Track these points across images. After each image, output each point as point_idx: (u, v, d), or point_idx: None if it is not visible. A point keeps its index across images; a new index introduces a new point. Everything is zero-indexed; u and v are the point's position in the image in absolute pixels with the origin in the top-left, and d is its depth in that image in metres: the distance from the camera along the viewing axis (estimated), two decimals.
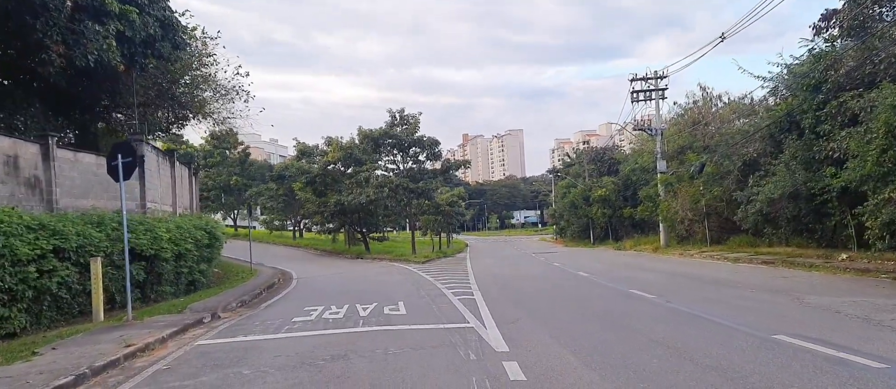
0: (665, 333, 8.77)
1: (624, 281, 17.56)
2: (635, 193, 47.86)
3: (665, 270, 20.93)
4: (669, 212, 33.49)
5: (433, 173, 39.88)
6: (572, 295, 14.38)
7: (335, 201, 39.50)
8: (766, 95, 26.36)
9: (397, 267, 29.95)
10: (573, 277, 19.72)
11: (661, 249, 35.28)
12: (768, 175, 24.64)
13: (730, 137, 29.20)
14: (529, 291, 15.72)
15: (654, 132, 37.64)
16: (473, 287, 17.14)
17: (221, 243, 25.49)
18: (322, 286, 19.92)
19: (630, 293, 14.16)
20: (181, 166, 26.44)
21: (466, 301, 13.50)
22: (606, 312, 11.20)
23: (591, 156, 68.52)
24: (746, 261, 21.72)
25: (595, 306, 12.06)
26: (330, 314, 11.89)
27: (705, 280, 16.62)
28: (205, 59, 24.57)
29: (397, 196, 39.40)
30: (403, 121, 38.69)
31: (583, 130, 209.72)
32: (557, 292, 15.34)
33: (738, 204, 26.01)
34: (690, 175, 31.42)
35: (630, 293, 14.16)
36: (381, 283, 19.71)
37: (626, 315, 10.76)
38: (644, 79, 37.51)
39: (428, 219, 51.30)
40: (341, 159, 42.06)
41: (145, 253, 15.61)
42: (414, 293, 15.83)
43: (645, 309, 11.55)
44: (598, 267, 24.43)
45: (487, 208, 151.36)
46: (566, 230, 69.97)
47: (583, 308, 11.86)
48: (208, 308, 13.21)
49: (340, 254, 44.47)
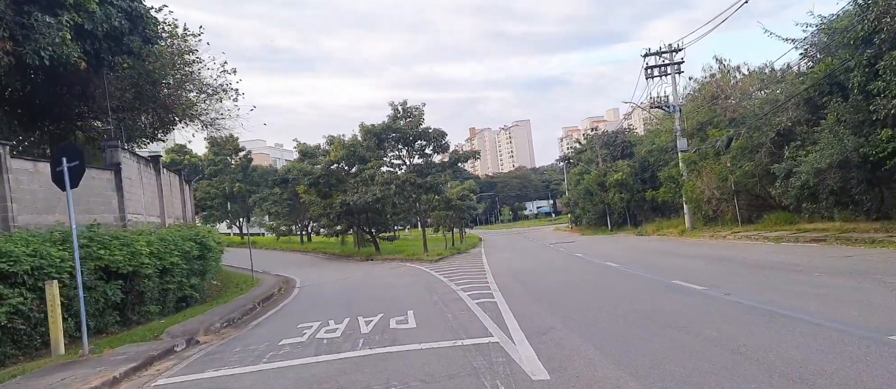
0: (744, 339, 6.82)
1: (661, 270, 15.57)
2: (654, 175, 45.69)
3: (703, 255, 18.90)
4: (694, 193, 31.37)
5: (441, 166, 37.91)
6: (608, 291, 12.43)
7: (340, 202, 37.69)
8: (799, 59, 24.19)
9: (409, 267, 28.11)
10: (602, 269, 17.75)
11: (688, 232, 33.18)
12: (805, 144, 22.53)
13: (758, 107, 27.02)
14: (556, 288, 13.79)
15: (671, 109, 35.51)
16: (492, 286, 15.24)
17: (217, 253, 23.82)
18: (325, 294, 18.11)
19: (675, 285, 12.19)
20: (171, 174, 24.71)
21: (486, 304, 11.61)
22: (657, 312, 9.25)
23: (603, 141, 66.25)
24: (790, 240, 19.64)
25: (640, 304, 10.11)
26: (326, 332, 10.02)
27: (757, 264, 14.60)
28: (187, 56, 22.77)
29: (405, 192, 37.48)
30: (407, 114, 36.75)
31: (590, 117, 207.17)
32: (589, 288, 13.39)
33: (773, 178, 23.88)
34: (716, 151, 29.27)
35: (675, 285, 12.19)
36: (389, 288, 17.86)
37: (681, 314, 8.82)
38: (658, 53, 35.34)
39: (439, 215, 49.33)
40: (344, 158, 40.24)
41: (122, 271, 13.88)
42: (425, 298, 13.95)
43: (701, 304, 9.59)
44: (625, 255, 22.43)
45: (499, 201, 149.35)
46: (582, 218, 67.83)
47: (625, 307, 9.91)
48: (188, 331, 11.41)
49: (350, 257, 42.69)
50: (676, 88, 35.21)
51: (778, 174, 22.00)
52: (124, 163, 17.82)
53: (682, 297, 10.54)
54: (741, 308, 8.92)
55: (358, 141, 39.94)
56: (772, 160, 24.09)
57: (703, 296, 10.40)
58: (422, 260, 32.67)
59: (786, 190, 21.75)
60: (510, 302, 11.68)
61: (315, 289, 20.59)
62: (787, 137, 23.35)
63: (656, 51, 35.21)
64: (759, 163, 24.90)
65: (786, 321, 7.69)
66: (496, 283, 15.95)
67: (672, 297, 10.65)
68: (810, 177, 18.98)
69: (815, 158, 18.66)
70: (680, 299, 10.35)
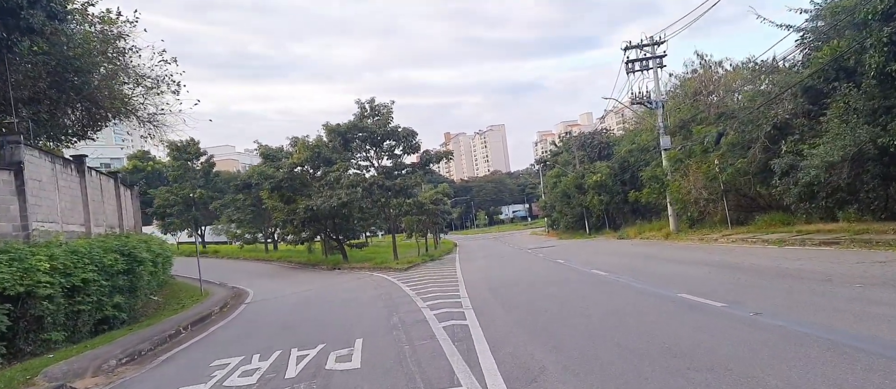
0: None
1: (659, 279, 13.41)
2: (634, 176, 43.89)
3: (700, 261, 16.81)
4: (680, 193, 29.47)
5: (412, 168, 35.50)
6: (605, 310, 10.18)
7: (305, 207, 35.02)
8: (795, 46, 22.33)
9: (375, 277, 25.64)
10: (590, 279, 15.54)
11: (673, 235, 31.25)
12: (805, 138, 20.68)
13: (748, 101, 25.19)
14: (540, 305, 11.50)
15: (654, 105, 33.61)
16: (465, 302, 12.91)
17: (155, 266, 21.17)
18: (269, 313, 15.61)
19: (684, 300, 10.00)
20: (103, 177, 21.93)
21: (456, 330, 9.29)
22: (678, 342, 6.98)
23: (579, 142, 64.56)
24: (794, 244, 17.66)
25: (650, 329, 7.87)
26: (240, 376, 7.58)
27: (771, 273, 12.49)
28: (119, 43, 20.07)
29: (373, 196, 35.03)
30: (374, 112, 34.30)
31: (564, 121, 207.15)
32: (579, 304, 11.13)
33: (769, 175, 22.02)
34: (704, 148, 27.38)
35: (684, 300, 10.00)
36: (345, 304, 15.42)
37: (713, 347, 6.58)
38: (639, 46, 33.44)
39: (411, 220, 46.95)
40: (309, 160, 37.64)
41: (9, 292, 11.33)
42: (383, 320, 11.55)
43: (732, 330, 7.37)
44: (612, 261, 20.30)
45: (475, 205, 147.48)
46: (559, 221, 65.97)
47: (632, 336, 7.66)
48: (72, 371, 8.87)
49: (316, 266, 40.00)
50: (659, 83, 33.36)
51: (777, 170, 20.04)
52: (31, 162, 15.13)
53: (703, 319, 8.33)
54: (788, 335, 6.72)
55: (323, 141, 37.41)
56: (768, 156, 22.21)
57: (728, 318, 8.21)
58: (390, 269, 30.22)
59: (787, 188, 19.81)
60: (486, 326, 9.36)
61: (262, 306, 18.05)
62: (784, 131, 21.49)
63: (637, 43, 33.32)
64: (753, 159, 23.00)
65: (862, 356, 5.50)
66: (470, 298, 13.62)
67: (689, 319, 8.43)
68: (820, 172, 17.02)
69: (824, 151, 16.71)
70: (701, 322, 8.14)
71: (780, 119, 21.20)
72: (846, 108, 16.96)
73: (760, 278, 11.87)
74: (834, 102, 17.79)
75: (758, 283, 11.19)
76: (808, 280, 10.89)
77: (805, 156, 18.00)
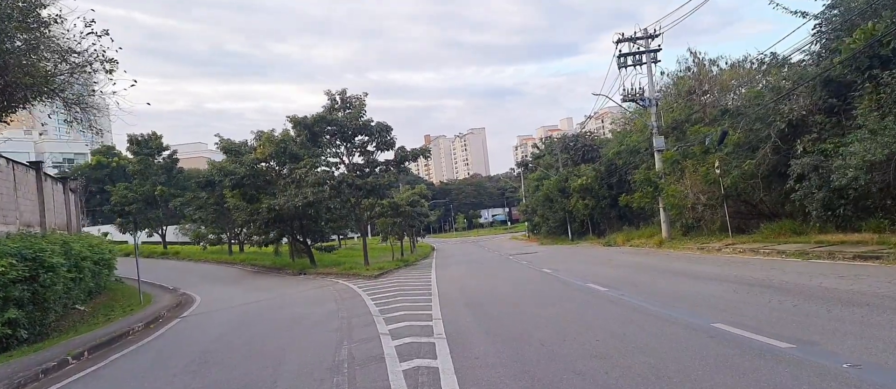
0: None
1: (679, 301, 10.87)
2: (622, 180, 41.63)
3: (718, 276, 14.32)
4: (676, 198, 27.13)
5: (386, 166, 32.71)
6: (622, 347, 7.58)
7: (268, 206, 32.04)
8: (812, 34, 20.02)
9: (339, 286, 22.85)
10: (588, 296, 12.97)
11: (667, 243, 28.89)
12: (824, 137, 18.43)
13: (753, 98, 22.94)
14: (535, 336, 8.84)
15: (647, 103, 31.32)
16: (438, 326, 10.26)
17: (83, 272, 18.25)
18: (197, 334, 12.79)
19: (730, 336, 7.45)
20: (18, 167, 18.85)
21: (420, 374, 6.63)
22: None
23: (563, 144, 62.44)
24: (822, 257, 15.29)
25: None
26: None
27: (823, 295, 10.00)
28: (40, 12, 17.03)
29: (342, 195, 32.17)
30: (346, 105, 31.46)
31: (545, 126, 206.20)
32: (589, 340, 8.49)
33: (779, 178, 19.74)
34: (705, 148, 25.07)
35: (730, 336, 7.45)
36: (291, 324, 12.64)
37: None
38: (632, 39, 31.11)
39: (385, 222, 44.25)
40: (274, 155, 34.64)
41: None
42: (327, 355, 8.81)
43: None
44: (609, 273, 17.78)
45: (454, 208, 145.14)
46: (540, 226, 63.69)
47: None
48: None
49: (281, 270, 37.01)
50: (653, 79, 31.04)
51: (797, 172, 17.62)
52: None
53: (778, 374, 5.76)
54: None
55: (290, 136, 34.46)
56: (778, 157, 19.93)
57: (816, 373, 5.65)
58: (359, 277, 27.45)
59: (808, 192, 17.41)
60: (463, 372, 6.71)
61: (198, 321, 15.19)
62: (799, 129, 19.20)
63: (630, 36, 30.98)
64: (762, 160, 20.68)
65: None
66: (444, 320, 10.96)
67: (757, 374, 5.86)
68: (861, 174, 14.63)
69: (864, 148, 14.35)
70: (781, 381, 5.56)
71: (797, 116, 18.90)
72: (888, 99, 14.61)
73: (809, 302, 9.38)
74: (867, 94, 15.49)
75: (812, 310, 8.69)
76: (878, 307, 8.42)
77: (840, 154, 15.53)
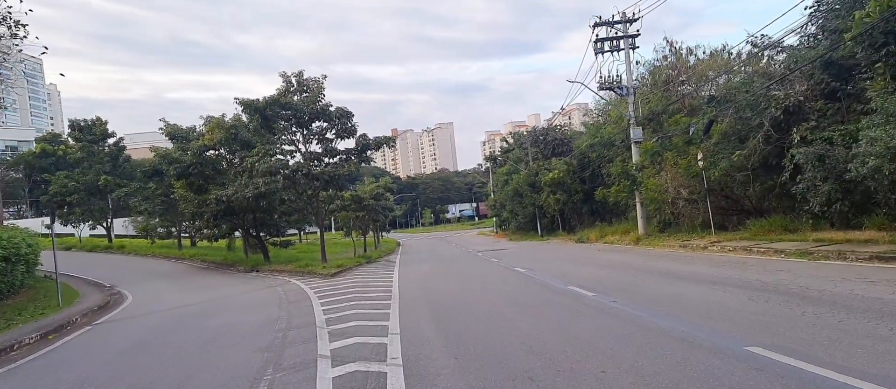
0: None
1: (685, 311, 8.93)
2: (595, 174, 40.03)
3: (720, 279, 12.47)
4: (656, 192, 25.45)
5: (346, 155, 30.25)
6: (632, 381, 5.56)
7: (216, 198, 29.29)
8: (810, 16, 18.38)
9: (290, 287, 20.46)
10: (574, 303, 10.95)
11: (644, 240, 27.25)
12: (823, 125, 16.84)
13: (743, 83, 21.30)
14: (518, 363, 6.74)
15: (624, 91, 29.60)
16: (394, 345, 8.13)
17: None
18: (95, 352, 10.38)
19: (790, 372, 5.48)
20: None
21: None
22: None
23: (533, 138, 60.67)
24: (831, 258, 13.62)
25: None
26: None
27: (865, 307, 8.16)
28: None
29: (298, 186, 29.67)
30: (302, 88, 28.89)
31: (513, 121, 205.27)
32: (589, 368, 6.43)
33: (770, 170, 18.12)
34: (688, 139, 23.41)
35: (790, 372, 5.48)
36: (213, 339, 10.31)
37: None
38: (610, 23, 29.31)
39: (347, 216, 41.68)
40: (224, 142, 31.86)
41: None
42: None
43: None
44: (590, 273, 15.85)
45: (420, 203, 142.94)
46: (509, 221, 61.94)
47: None
48: None
49: (233, 266, 34.24)
50: (631, 66, 29.31)
51: (801, 162, 15.87)
52: None
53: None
54: None
55: (242, 121, 31.74)
56: (771, 147, 18.30)
57: None
58: (314, 275, 25.04)
59: (811, 185, 15.70)
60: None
61: (105, 331, 12.71)
62: (795, 116, 17.58)
63: (607, 19, 29.18)
64: (752, 151, 19.01)
65: None
66: (402, 337, 8.81)
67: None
68: (885, 162, 12.89)
69: (887, 134, 12.62)
70: None
71: (793, 102, 17.25)
72: None
73: (856, 316, 7.50)
74: (879, 75, 13.85)
75: (872, 330, 6.79)
76: None
77: (859, 141, 13.74)
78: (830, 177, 15.03)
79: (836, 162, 14.80)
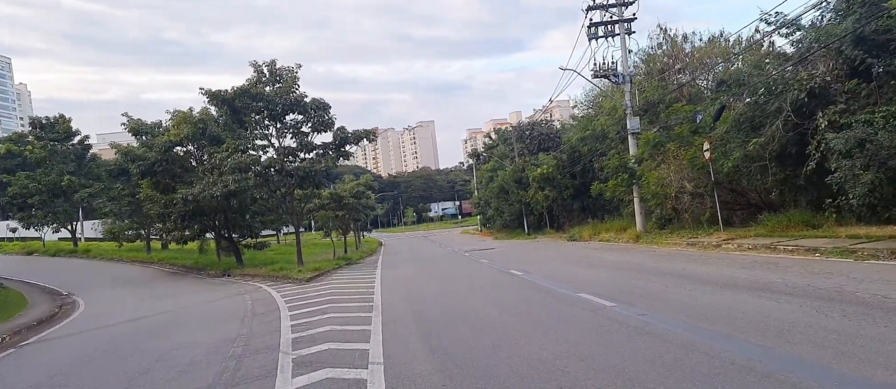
0: None
1: (760, 336, 7.01)
2: (587, 168, 38.26)
3: (763, 285, 10.60)
4: (659, 186, 23.67)
5: (323, 150, 28.07)
6: None
7: (182, 197, 26.96)
8: None
9: (260, 295, 18.33)
10: (592, 315, 9.02)
11: (644, 237, 25.49)
12: (853, 108, 15.13)
13: (755, 67, 19.58)
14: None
15: (620, 79, 27.81)
16: (376, 376, 6.11)
17: None
18: (28, 373, 8.23)
19: None
20: None
21: None
22: None
23: (518, 133, 58.89)
24: (883, 258, 11.87)
25: None
26: None
27: None
28: None
29: (271, 183, 27.47)
30: (275, 78, 26.67)
31: (494, 119, 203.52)
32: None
33: (792, 160, 16.39)
34: (693, 128, 21.65)
35: None
36: (153, 365, 8.23)
37: None
38: (604, 7, 27.48)
39: (326, 215, 39.43)
40: (192, 137, 29.53)
41: None
42: None
43: None
44: (599, 277, 13.95)
45: (403, 202, 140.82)
46: (494, 219, 60.05)
47: None
48: None
49: (203, 271, 31.93)
50: (627, 51, 27.50)
51: (841, 149, 14.04)
52: None
53: None
54: None
55: (211, 115, 29.44)
56: (794, 134, 16.57)
57: None
58: (289, 279, 22.91)
59: (849, 175, 13.93)
60: None
61: (27, 357, 10.49)
62: (821, 99, 15.86)
63: (601, 3, 27.32)
64: (771, 138, 17.25)
65: None
66: (387, 368, 6.79)
67: None
68: None
69: None
70: None
71: (819, 83, 15.52)
72: None
73: None
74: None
75: None
76: None
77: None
78: (873, 164, 13.29)
79: (878, 148, 13.07)
